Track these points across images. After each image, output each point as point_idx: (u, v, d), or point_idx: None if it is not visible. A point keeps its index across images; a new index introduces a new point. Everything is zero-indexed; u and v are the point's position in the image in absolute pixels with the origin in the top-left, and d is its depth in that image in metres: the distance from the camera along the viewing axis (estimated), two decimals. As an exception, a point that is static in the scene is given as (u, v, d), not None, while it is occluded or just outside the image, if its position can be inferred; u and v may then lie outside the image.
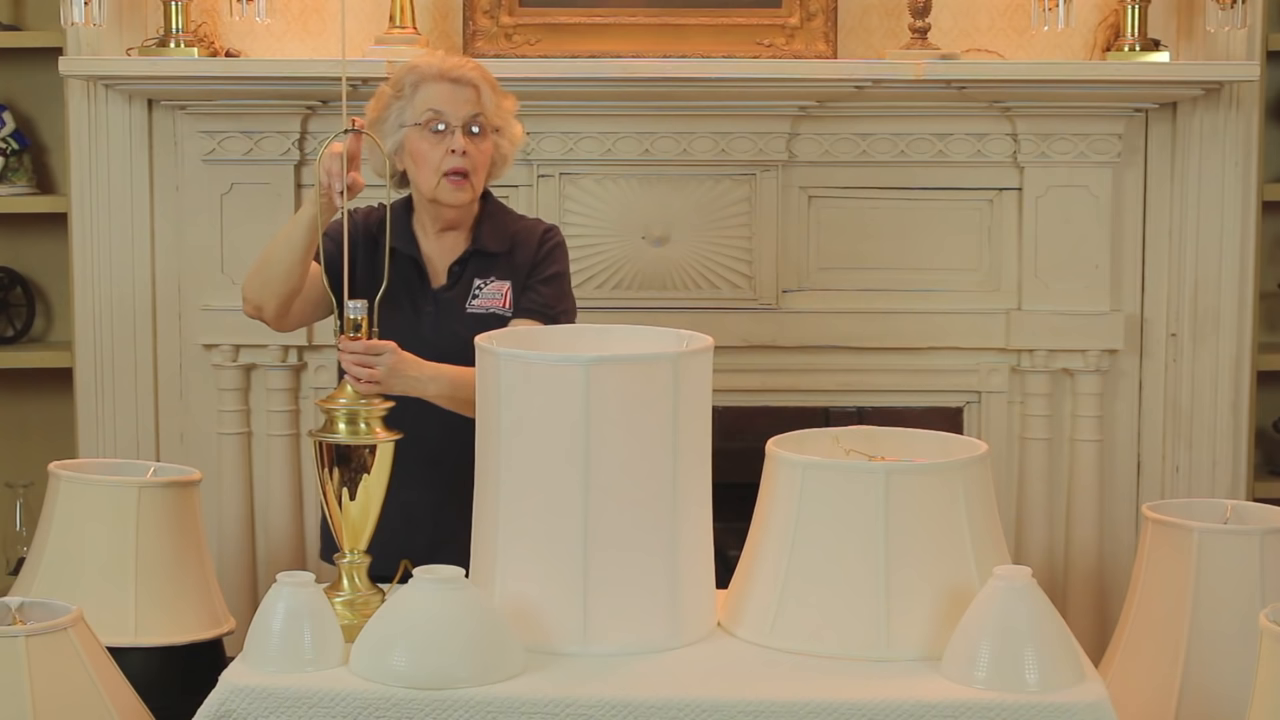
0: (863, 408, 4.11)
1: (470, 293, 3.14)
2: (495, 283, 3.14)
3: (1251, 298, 4.13)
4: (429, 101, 3.09)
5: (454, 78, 3.10)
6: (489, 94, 3.12)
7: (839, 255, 4.10)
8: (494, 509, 2.63)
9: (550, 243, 3.20)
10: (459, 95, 3.10)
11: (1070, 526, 4.13)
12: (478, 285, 3.14)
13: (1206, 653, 2.83)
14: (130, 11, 4.04)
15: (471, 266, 3.15)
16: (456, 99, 3.09)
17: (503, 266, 3.15)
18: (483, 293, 3.14)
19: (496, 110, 3.14)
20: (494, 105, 3.13)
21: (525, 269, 3.16)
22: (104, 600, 2.92)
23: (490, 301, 3.13)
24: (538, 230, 3.22)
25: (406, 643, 2.44)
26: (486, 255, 3.15)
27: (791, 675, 2.50)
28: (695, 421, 2.65)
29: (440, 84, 3.10)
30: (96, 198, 4.09)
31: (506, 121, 3.17)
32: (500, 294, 3.14)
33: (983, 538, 2.62)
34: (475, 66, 3.15)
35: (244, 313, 3.15)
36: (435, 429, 2.97)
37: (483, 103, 3.11)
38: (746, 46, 4.04)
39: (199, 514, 3.14)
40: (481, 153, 3.11)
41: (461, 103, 3.09)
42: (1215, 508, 3.04)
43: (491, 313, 3.11)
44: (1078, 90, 3.94)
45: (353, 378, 2.77)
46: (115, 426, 4.12)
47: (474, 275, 3.14)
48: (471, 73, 3.12)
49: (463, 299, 3.13)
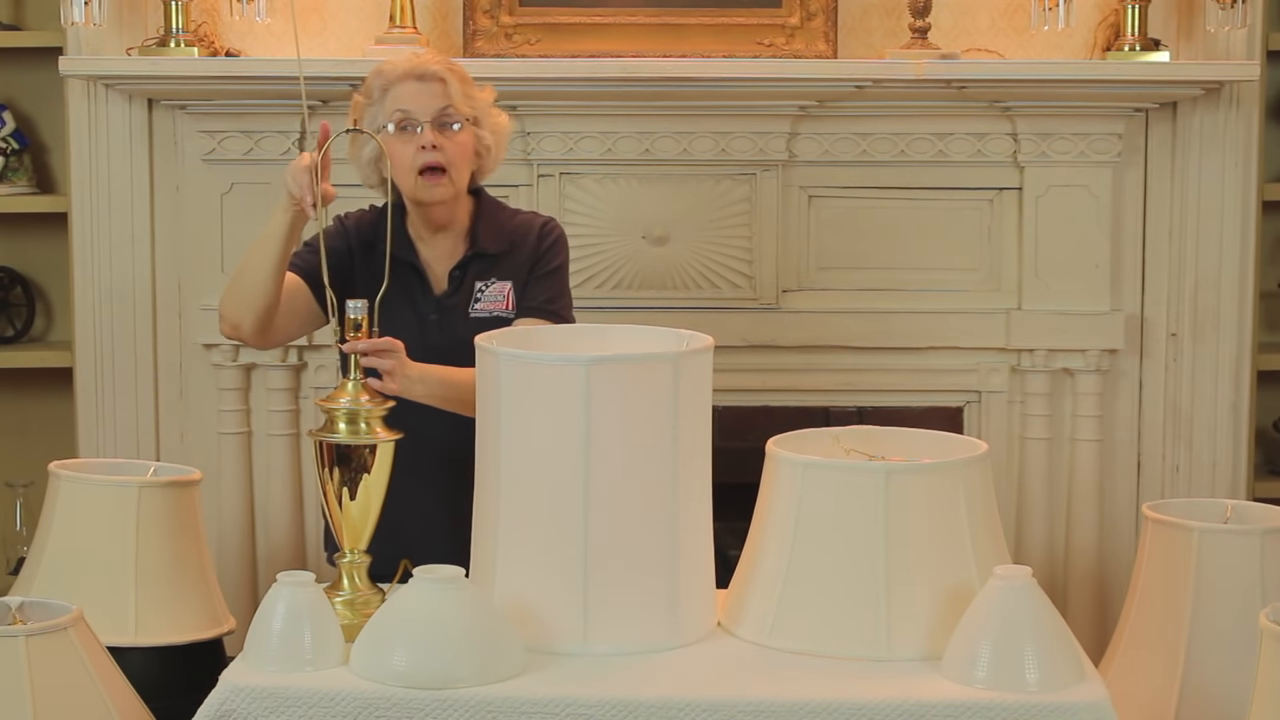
0: (863, 408, 4.11)
1: (472, 296, 3.12)
2: (496, 284, 3.13)
3: (1251, 298, 4.13)
4: (397, 102, 3.07)
5: (419, 74, 3.07)
6: (456, 86, 3.08)
7: (839, 255, 4.10)
8: (494, 509, 2.63)
9: (550, 236, 3.18)
10: (425, 91, 3.07)
11: (1070, 526, 4.13)
12: (479, 288, 3.12)
13: (1206, 653, 2.83)
14: (130, 11, 4.04)
15: (472, 270, 3.13)
16: (423, 95, 3.06)
17: (503, 266, 3.14)
18: (485, 295, 3.12)
19: (467, 101, 3.10)
20: (463, 96, 3.09)
21: (526, 266, 3.14)
22: (104, 600, 2.92)
23: (493, 304, 3.12)
24: (535, 224, 3.19)
25: (406, 643, 2.44)
26: (486, 257, 3.14)
27: (791, 675, 2.50)
28: (695, 421, 2.65)
29: (406, 83, 3.07)
30: (96, 197, 4.09)
31: (483, 112, 3.13)
32: (502, 295, 3.13)
33: (983, 538, 2.62)
34: (441, 61, 3.12)
35: (221, 332, 3.12)
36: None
37: (450, 95, 3.07)
38: (746, 46, 4.04)
39: (199, 514, 3.14)
40: (457, 145, 3.07)
41: (429, 98, 3.06)
42: (1215, 508, 3.04)
43: (495, 315, 3.10)
44: (1078, 90, 3.94)
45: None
46: (115, 426, 4.12)
47: (475, 278, 3.13)
48: (436, 67, 3.08)
49: (465, 304, 3.12)
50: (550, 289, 3.14)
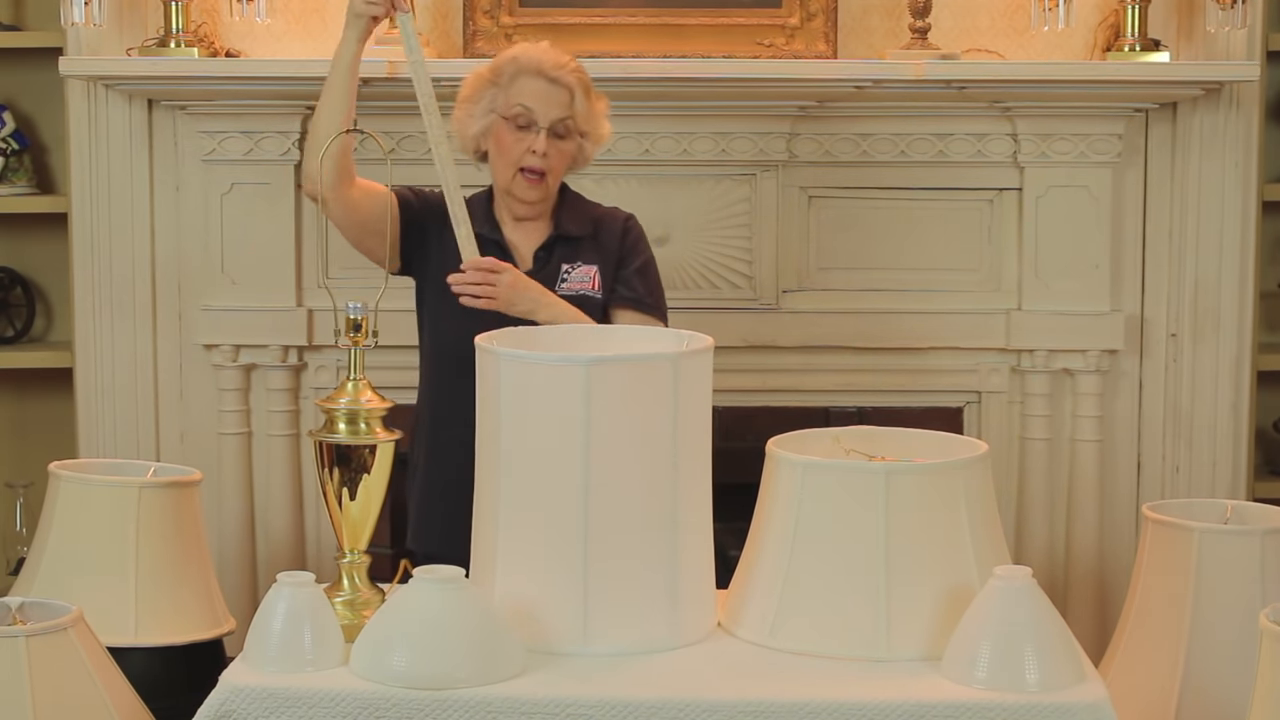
0: (863, 408, 4.11)
1: (559, 277, 3.18)
2: (582, 267, 3.20)
3: (1251, 298, 4.13)
4: (521, 96, 3.13)
5: (551, 77, 3.13)
6: (581, 99, 3.15)
7: (839, 255, 4.10)
8: (494, 509, 2.63)
9: (634, 232, 3.27)
10: (552, 95, 3.13)
11: (1070, 526, 4.13)
12: (565, 270, 3.19)
13: (1206, 653, 2.83)
14: (130, 11, 4.04)
15: (558, 252, 3.20)
16: (549, 99, 3.13)
17: (588, 250, 3.21)
18: (571, 276, 3.19)
19: (587, 116, 3.18)
20: (584, 111, 3.17)
21: (614, 256, 3.21)
22: (104, 600, 2.92)
23: (580, 285, 3.18)
24: (619, 217, 3.29)
25: (406, 643, 2.44)
26: (570, 240, 3.21)
27: (791, 675, 2.50)
28: (695, 421, 2.65)
29: (536, 80, 3.13)
30: (96, 198, 4.09)
31: (595, 126, 3.20)
32: (589, 277, 3.19)
33: (983, 538, 2.62)
34: (575, 70, 3.17)
35: (305, 192, 3.14)
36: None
37: (574, 107, 3.15)
38: (746, 46, 4.04)
39: (199, 514, 3.14)
40: (562, 155, 3.16)
41: (553, 104, 3.13)
42: (1215, 508, 3.04)
43: (582, 294, 3.16)
44: (1078, 90, 3.94)
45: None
46: (115, 426, 4.12)
47: (560, 260, 3.20)
48: (569, 76, 3.14)
49: (550, 283, 3.17)
50: (644, 283, 3.23)
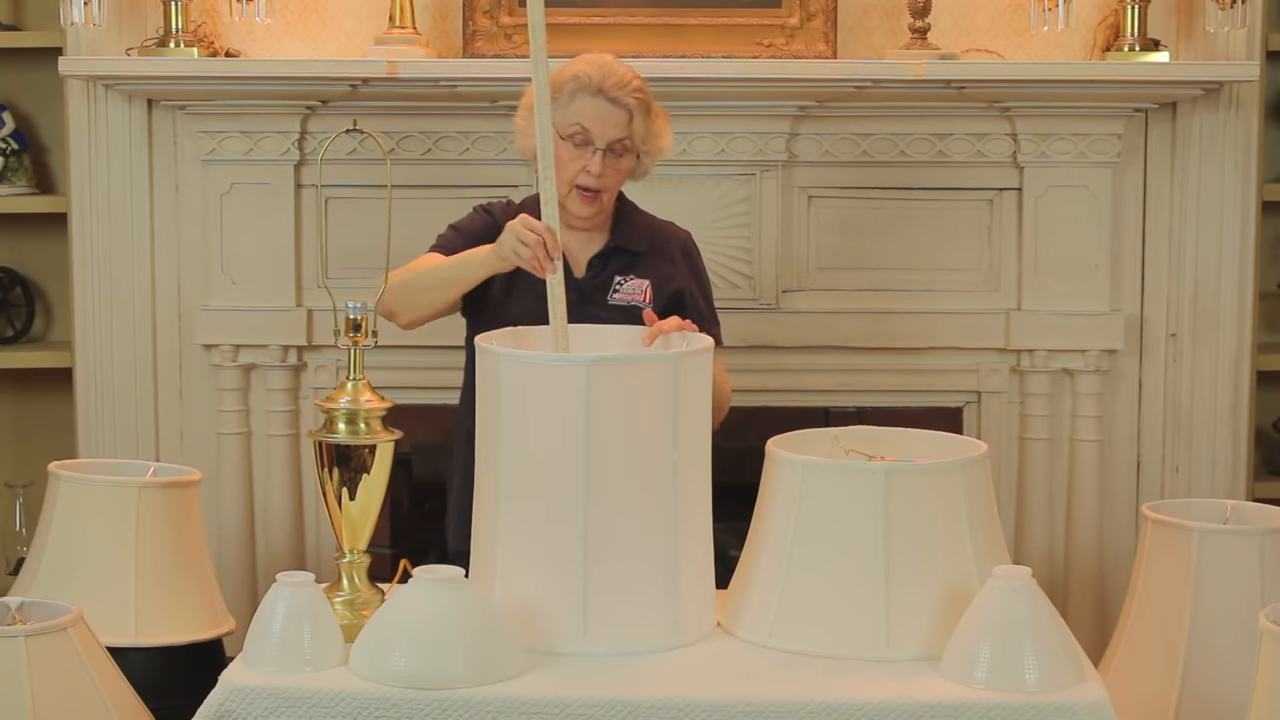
0: (863, 408, 4.11)
1: (611, 287, 3.18)
2: (635, 280, 3.19)
3: (1251, 298, 4.13)
4: (580, 115, 3.10)
5: (611, 98, 3.10)
6: (640, 119, 3.13)
7: (839, 255, 4.10)
8: (494, 509, 2.63)
9: (695, 254, 3.30)
10: (610, 116, 3.10)
11: (1070, 526, 4.13)
12: (618, 281, 3.19)
13: (1206, 653, 2.83)
14: (130, 11, 4.03)
15: (613, 263, 3.20)
16: (607, 120, 3.10)
17: (642, 265, 3.21)
18: (623, 288, 3.19)
19: (646, 135, 3.16)
20: (643, 130, 3.15)
21: (671, 274, 3.21)
22: (104, 600, 2.93)
23: (631, 296, 3.18)
24: (680, 235, 3.31)
25: (406, 643, 2.44)
26: (627, 253, 3.21)
27: (791, 675, 2.50)
28: (695, 422, 2.65)
29: (596, 100, 3.10)
30: (96, 198, 4.08)
31: (652, 144, 3.19)
32: (641, 290, 3.19)
33: (983, 538, 2.62)
34: (635, 90, 3.13)
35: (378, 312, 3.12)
36: None
37: (632, 127, 3.13)
38: (746, 46, 4.04)
39: (199, 514, 3.14)
40: (618, 173, 3.15)
41: (611, 125, 3.10)
42: (1215, 508, 3.04)
43: (634, 305, 3.15)
44: (1077, 90, 3.94)
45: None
46: (115, 426, 4.12)
47: (615, 272, 3.19)
48: (628, 97, 3.11)
49: (603, 291, 3.18)
50: (713, 312, 3.26)
